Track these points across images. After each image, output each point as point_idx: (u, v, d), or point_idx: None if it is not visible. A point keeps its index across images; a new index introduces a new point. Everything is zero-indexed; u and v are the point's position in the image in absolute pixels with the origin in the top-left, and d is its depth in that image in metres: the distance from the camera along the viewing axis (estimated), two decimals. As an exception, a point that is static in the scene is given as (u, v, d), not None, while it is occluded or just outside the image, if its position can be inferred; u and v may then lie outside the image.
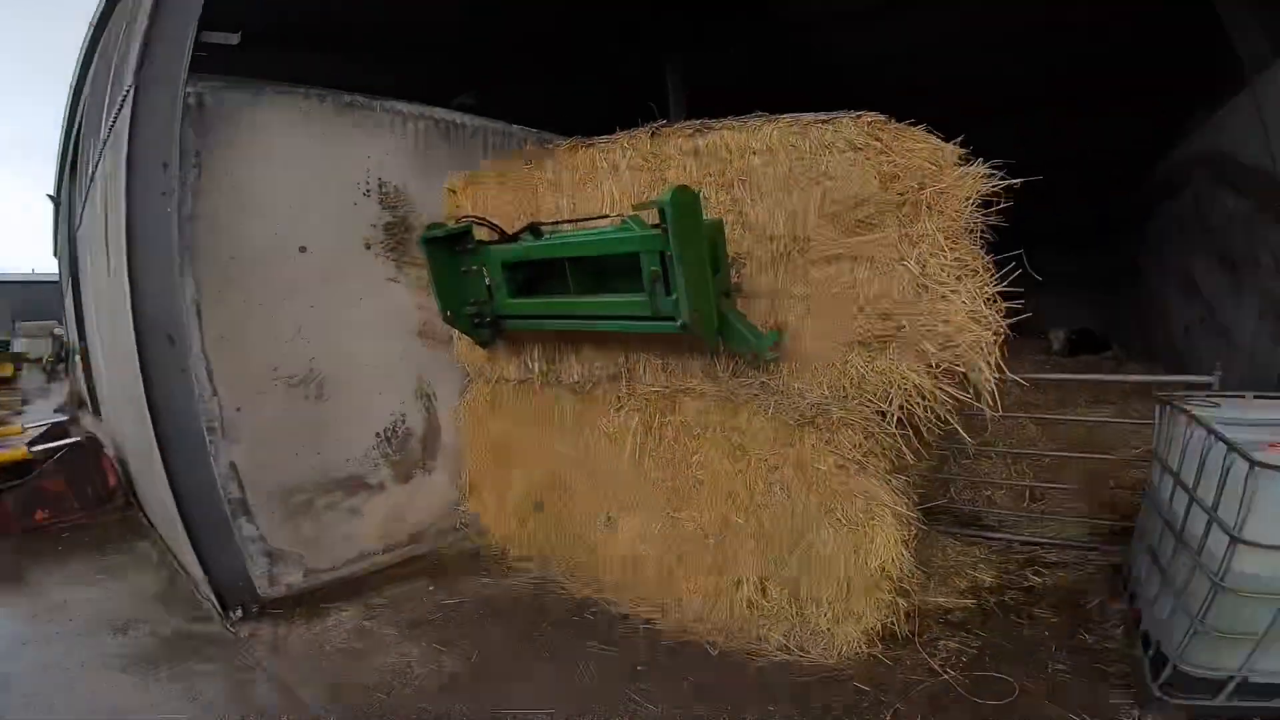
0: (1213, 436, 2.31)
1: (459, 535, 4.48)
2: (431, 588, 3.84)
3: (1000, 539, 4.08)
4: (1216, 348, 5.61)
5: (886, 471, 2.76)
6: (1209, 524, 2.28)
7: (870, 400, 2.80)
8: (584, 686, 2.92)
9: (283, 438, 3.63)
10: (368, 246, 3.91)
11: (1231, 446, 2.17)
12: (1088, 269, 10.41)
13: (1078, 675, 2.75)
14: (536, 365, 3.92)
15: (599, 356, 3.68)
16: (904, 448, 2.81)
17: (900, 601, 2.88)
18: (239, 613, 3.41)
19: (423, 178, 4.13)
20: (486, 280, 3.44)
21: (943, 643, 3.02)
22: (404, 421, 4.17)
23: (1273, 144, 4.66)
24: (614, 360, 3.61)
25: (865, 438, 2.75)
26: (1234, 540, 2.12)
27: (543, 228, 3.27)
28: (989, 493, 4.58)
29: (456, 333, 4.13)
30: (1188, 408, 2.62)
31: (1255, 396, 2.96)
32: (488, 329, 3.65)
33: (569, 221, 3.35)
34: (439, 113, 4.21)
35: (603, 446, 3.60)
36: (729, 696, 2.77)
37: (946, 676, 2.77)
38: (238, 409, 3.44)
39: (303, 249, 3.65)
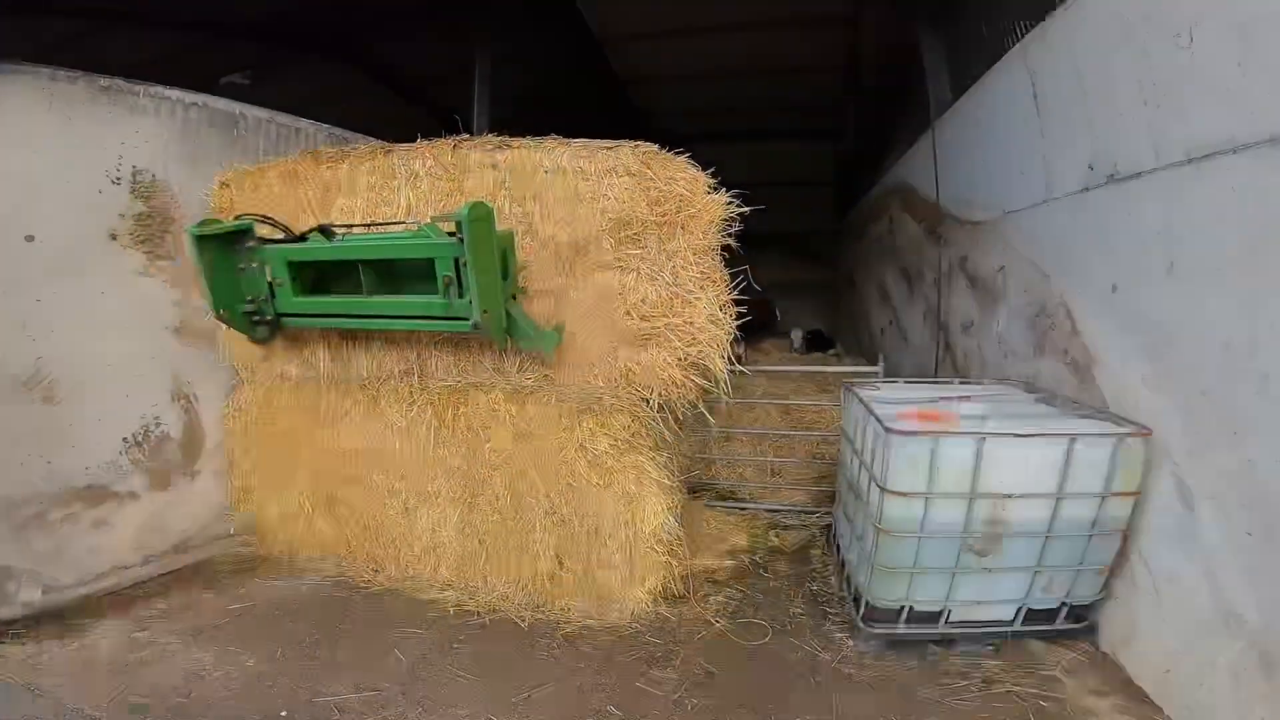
0: (866, 410, 3.03)
1: (236, 542, 4.19)
2: (211, 595, 3.61)
3: (751, 509, 4.79)
4: (899, 345, 6.91)
5: (651, 449, 3.25)
6: (869, 480, 2.96)
7: (636, 389, 3.29)
8: (400, 668, 2.97)
9: (3, 446, 3.18)
10: (114, 238, 3.53)
11: (875, 416, 2.87)
12: (823, 279, 12.48)
13: (810, 615, 3.36)
14: (322, 363, 3.83)
15: (390, 353, 3.72)
16: (664, 428, 3.33)
17: (673, 563, 3.36)
18: None
19: (191, 168, 3.81)
20: (269, 278, 3.32)
21: (712, 598, 3.53)
22: (158, 425, 3.79)
23: (938, 178, 5.53)
24: (405, 357, 3.69)
25: (632, 420, 3.22)
26: (883, 490, 2.76)
27: (335, 229, 3.25)
28: (741, 470, 5.35)
29: (223, 330, 3.86)
30: (857, 390, 3.41)
31: (906, 381, 3.98)
32: (266, 327, 3.51)
33: (363, 225, 3.36)
34: (217, 101, 3.92)
35: (396, 439, 3.65)
36: (542, 661, 3.02)
37: (718, 625, 3.27)
38: None
39: (29, 238, 3.21)
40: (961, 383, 3.95)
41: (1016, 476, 2.62)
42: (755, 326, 10.35)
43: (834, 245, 12.13)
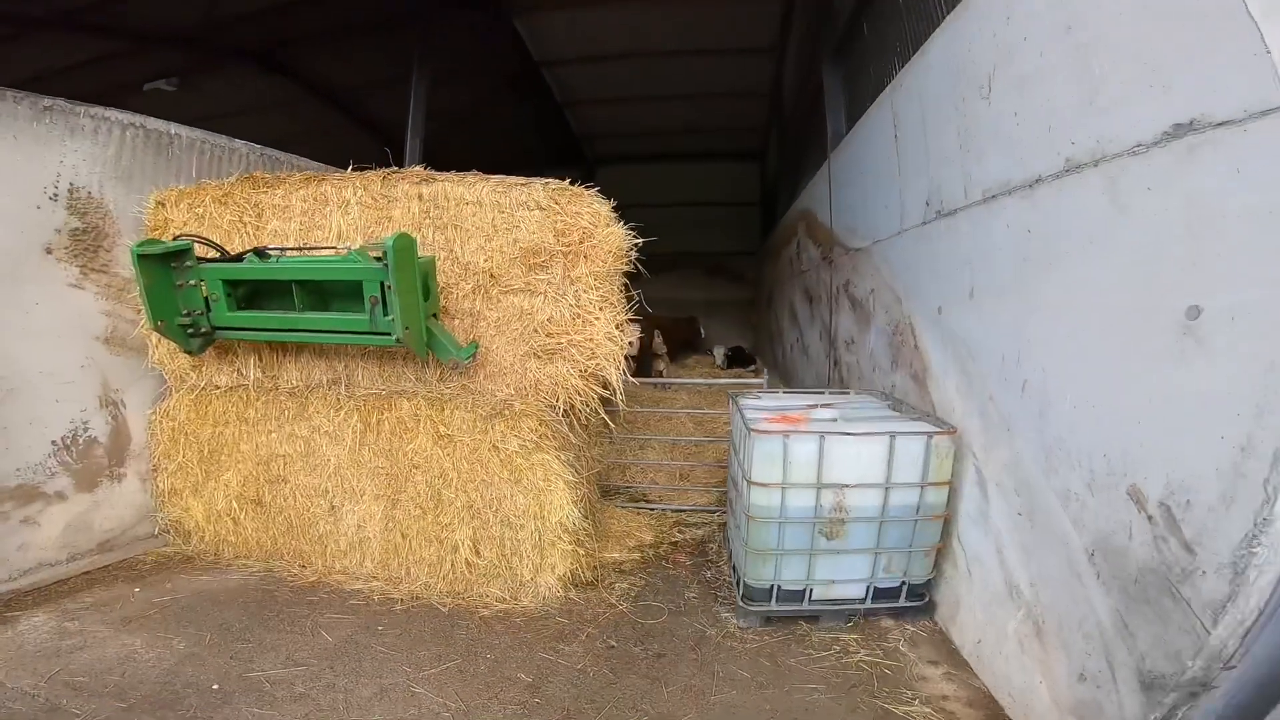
0: (740, 416, 3.53)
1: (159, 541, 4.36)
2: (138, 589, 3.78)
3: (658, 508, 5.23)
4: (803, 361, 7.46)
5: (557, 449, 3.65)
6: (741, 474, 3.43)
7: (543, 397, 3.70)
8: (328, 646, 3.23)
9: None
10: (49, 251, 3.71)
11: (744, 420, 3.37)
12: (747, 298, 13.10)
13: (703, 598, 3.79)
14: (252, 372, 4.07)
15: (318, 364, 4.01)
16: (568, 432, 3.75)
17: (580, 552, 3.75)
18: None
19: (124, 186, 4.01)
20: (205, 294, 3.56)
21: (618, 585, 3.92)
22: (86, 429, 3.95)
23: (832, 205, 6.01)
24: (334, 367, 3.99)
25: (540, 424, 3.63)
26: (749, 482, 3.23)
27: (269, 251, 3.55)
28: (651, 475, 5.83)
29: (155, 341, 4.08)
30: (739, 399, 3.92)
31: (784, 391, 4.50)
32: (200, 339, 3.74)
33: (295, 248, 3.67)
34: (152, 122, 4.12)
35: (323, 443, 3.93)
36: (459, 640, 3.32)
37: (621, 608, 3.66)
38: None
39: None
40: (831, 393, 4.51)
41: (852, 469, 3.13)
42: (681, 345, 10.83)
43: (758, 266, 12.68)
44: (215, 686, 2.89)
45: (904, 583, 3.34)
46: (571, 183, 3.61)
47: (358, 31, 7.92)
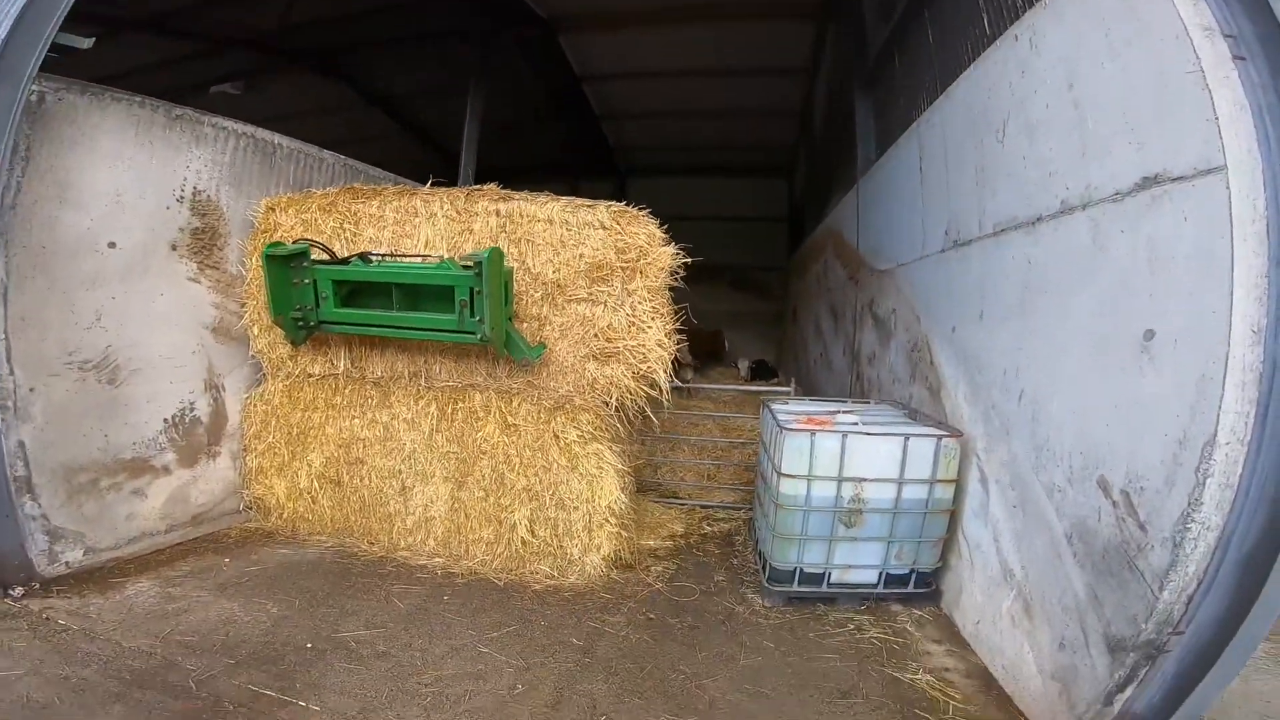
0: (772, 417, 3.98)
1: (244, 517, 4.82)
2: (228, 560, 4.16)
3: (688, 504, 5.68)
4: (826, 374, 7.86)
5: (610, 440, 4.13)
6: (771, 468, 3.88)
7: (599, 394, 4.17)
8: (400, 611, 3.60)
9: (72, 419, 3.72)
10: (174, 248, 4.21)
11: (776, 420, 3.82)
12: (772, 312, 13.34)
13: (730, 582, 4.20)
14: (343, 363, 4.59)
15: (401, 358, 4.51)
16: (619, 426, 4.23)
17: (623, 535, 4.20)
18: (19, 591, 3.44)
19: (235, 190, 4.52)
20: (318, 292, 4.04)
21: (654, 568, 4.33)
22: (192, 409, 4.45)
23: (859, 227, 6.41)
24: (415, 361, 4.49)
25: (596, 418, 4.11)
26: (778, 474, 3.67)
27: (372, 256, 4.07)
28: (681, 474, 6.29)
29: (256, 332, 4.61)
30: (771, 404, 4.38)
31: (810, 399, 4.94)
32: (306, 331, 4.24)
33: (390, 254, 4.18)
34: (261, 133, 4.65)
35: (401, 428, 4.43)
36: (515, 609, 3.70)
37: (657, 586, 4.07)
38: (30, 389, 3.52)
39: (112, 244, 3.85)
40: (854, 402, 4.94)
41: (870, 465, 3.56)
42: (706, 356, 11.20)
43: (783, 280, 12.97)
44: (309, 645, 3.20)
45: (913, 570, 3.73)
46: (624, 202, 4.07)
47: (416, 42, 8.35)
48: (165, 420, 4.29)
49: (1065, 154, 2.74)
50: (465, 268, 3.65)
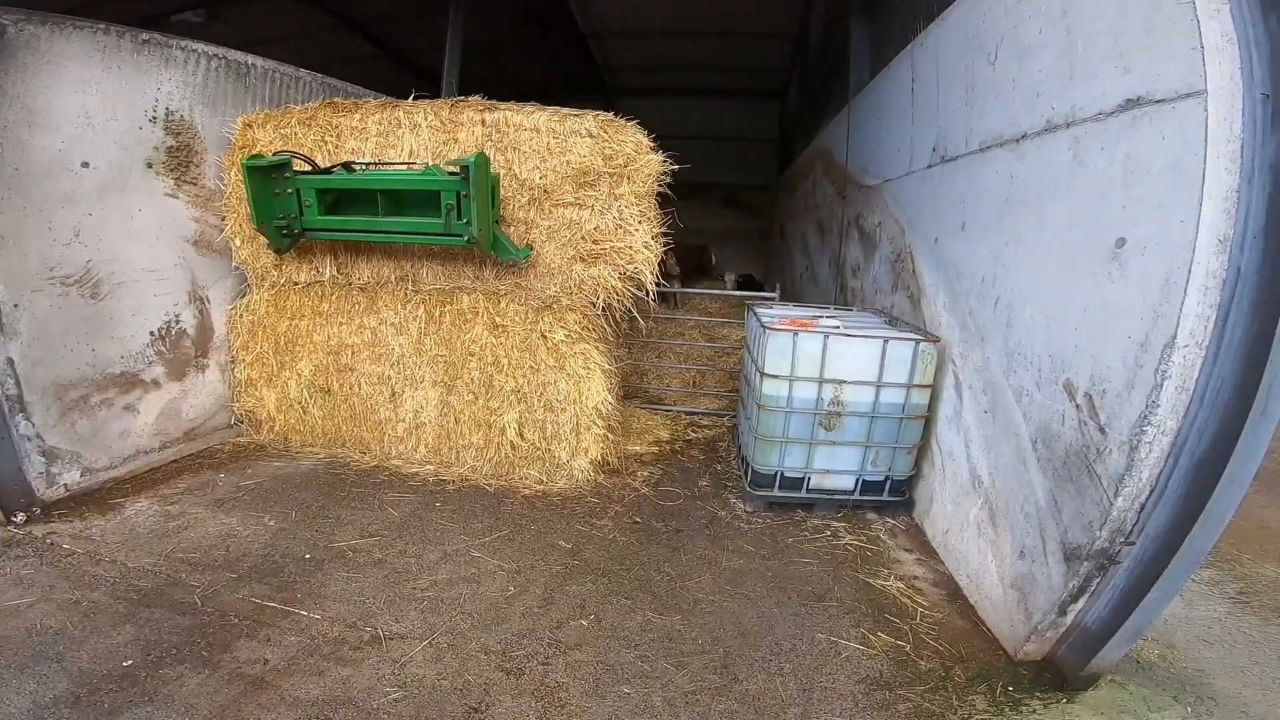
0: (757, 319, 4.05)
1: (234, 432, 4.92)
2: (223, 475, 4.26)
3: (674, 410, 5.86)
4: (812, 287, 7.93)
5: (596, 340, 4.23)
6: (755, 369, 3.96)
7: (586, 295, 4.22)
8: (394, 519, 3.75)
9: (58, 334, 3.75)
10: (149, 166, 4.18)
11: (760, 322, 3.89)
12: (759, 229, 13.37)
13: (714, 487, 4.42)
14: (328, 270, 4.58)
15: (388, 263, 4.50)
16: (606, 327, 4.33)
17: (610, 439, 4.34)
18: (21, 517, 3.52)
19: (210, 110, 4.47)
20: (301, 201, 4.03)
21: (640, 473, 4.53)
22: (178, 321, 4.47)
23: (849, 147, 6.41)
24: (401, 266, 4.49)
25: (582, 317, 4.21)
26: (761, 374, 3.76)
27: (355, 165, 4.03)
28: (667, 380, 6.43)
29: (239, 243, 4.58)
30: (755, 307, 4.44)
31: (794, 304, 5.02)
32: (290, 239, 4.22)
33: (374, 163, 4.14)
34: (233, 54, 4.57)
35: (389, 333, 4.49)
36: (506, 515, 3.86)
37: (643, 491, 4.27)
38: (15, 305, 3.54)
39: (85, 164, 3.82)
40: (836, 308, 5.03)
41: (850, 367, 3.67)
42: (693, 270, 11.20)
43: (772, 199, 12.95)
44: (307, 556, 3.31)
45: (888, 477, 3.91)
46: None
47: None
48: (151, 333, 4.32)
49: (1053, 77, 2.76)
50: (452, 173, 3.62)
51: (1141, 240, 2.20)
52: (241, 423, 4.95)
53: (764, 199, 13.43)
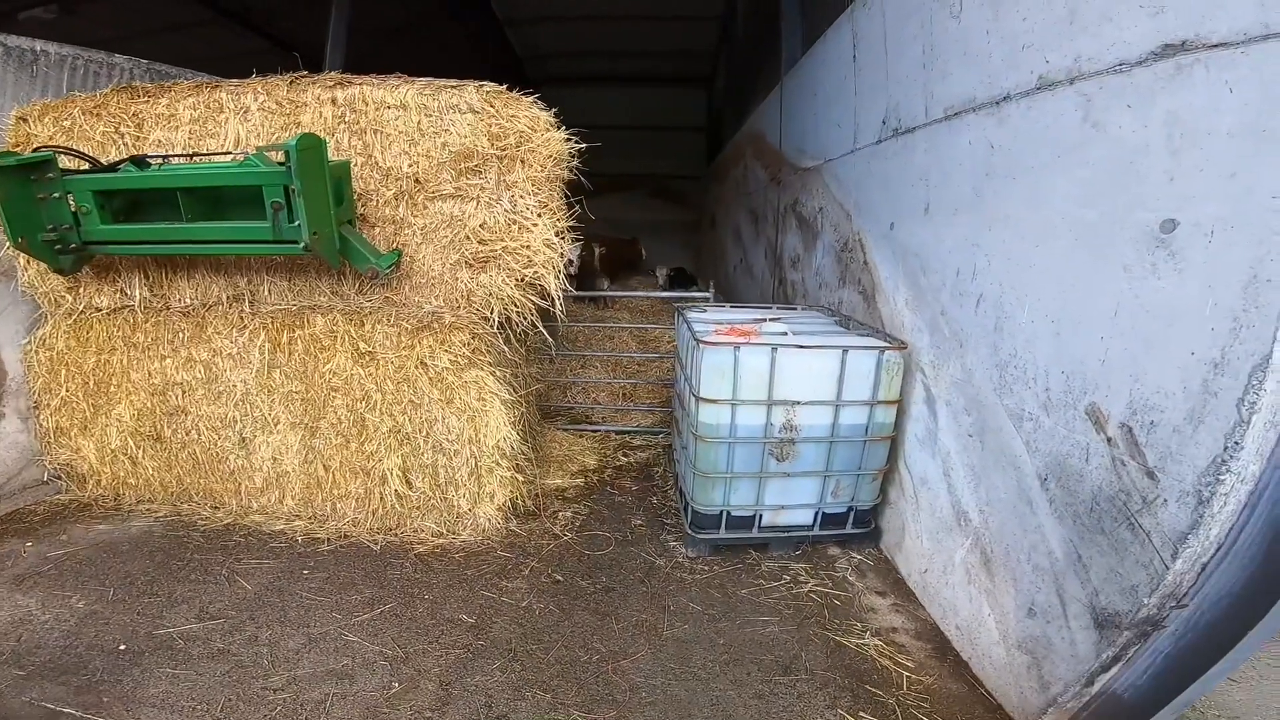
0: (688, 328, 3.37)
1: (51, 489, 3.98)
2: (30, 543, 3.45)
3: (602, 429, 5.13)
4: (748, 280, 7.39)
5: (492, 364, 3.44)
6: (689, 391, 3.29)
7: (476, 309, 3.45)
8: (247, 595, 3.01)
9: None
10: None
11: (692, 332, 3.20)
12: (690, 220, 13.06)
13: (650, 526, 3.72)
14: (138, 292, 3.64)
15: (216, 280, 3.61)
16: (504, 346, 3.55)
17: (520, 479, 3.58)
18: None
19: None
20: (73, 208, 3.17)
21: (561, 513, 3.81)
22: (-49, 364, 3.49)
23: (783, 127, 5.92)
24: (234, 283, 3.60)
25: (472, 337, 3.39)
26: (697, 398, 3.07)
27: (149, 159, 3.13)
28: (594, 395, 5.67)
29: (24, 262, 3.61)
30: (686, 312, 3.75)
31: (731, 305, 4.37)
32: (71, 256, 3.31)
33: (182, 155, 3.26)
34: (13, 40, 3.66)
35: (226, 366, 3.59)
36: (393, 581, 3.13)
37: (566, 538, 3.55)
38: None
39: None
40: (779, 308, 4.37)
41: (804, 385, 3.02)
42: (624, 265, 10.64)
43: (702, 189, 12.59)
44: (122, 647, 2.67)
45: (851, 508, 3.32)
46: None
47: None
48: None
49: (1044, 24, 2.22)
50: (279, 163, 2.76)
51: (1203, 222, 1.61)
52: (59, 478, 3.97)
53: (693, 189, 13.11)
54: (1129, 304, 1.82)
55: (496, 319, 3.44)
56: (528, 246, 3.30)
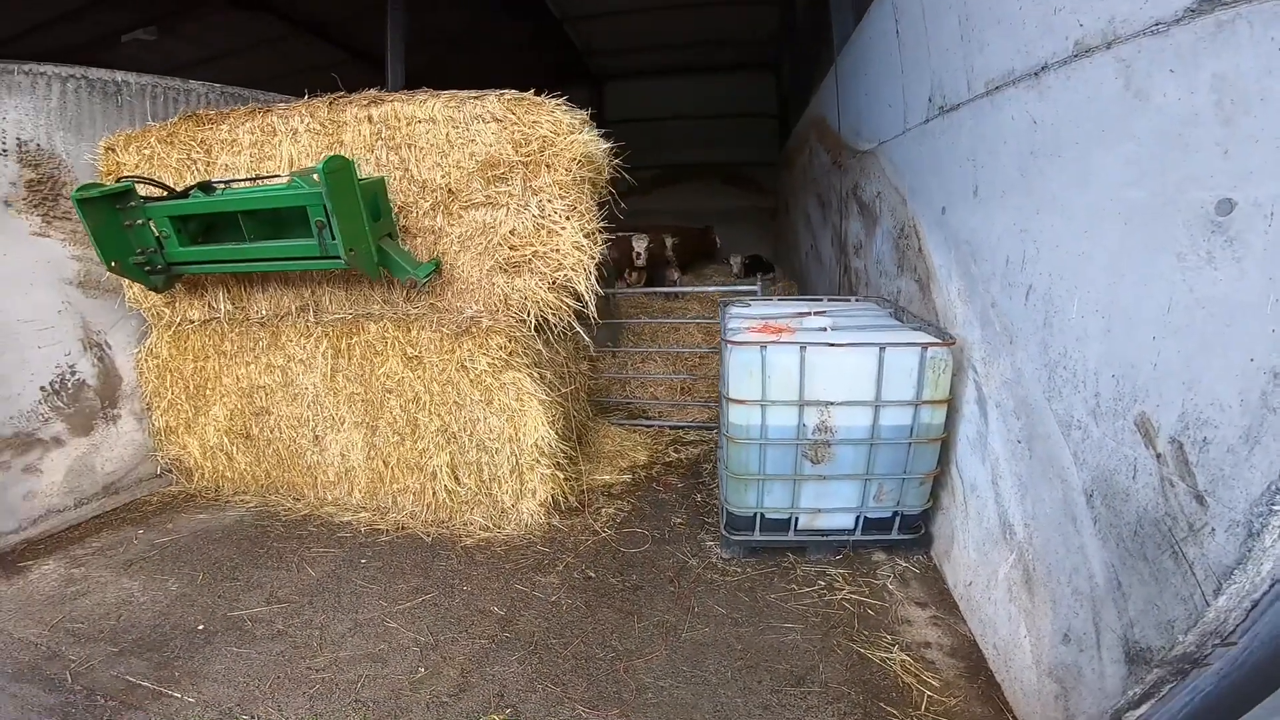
0: (724, 324, 3.23)
1: (164, 481, 4.46)
2: (142, 531, 3.85)
3: (656, 425, 5.10)
4: (817, 268, 7.07)
5: (529, 366, 3.53)
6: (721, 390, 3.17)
7: (513, 312, 3.52)
8: (310, 580, 3.27)
9: None
10: (7, 204, 3.66)
11: (722, 331, 3.08)
12: (766, 206, 12.63)
13: (690, 525, 3.69)
14: (223, 305, 3.98)
15: (286, 292, 3.89)
16: (542, 348, 3.63)
17: (561, 476, 3.65)
18: None
19: (75, 135, 3.92)
20: (155, 232, 3.47)
21: (604, 510, 3.84)
22: (74, 372, 3.95)
23: (840, 109, 5.60)
24: (301, 295, 3.87)
25: (509, 340, 3.50)
26: (726, 399, 2.98)
27: (215, 185, 3.39)
28: (652, 390, 5.62)
29: (127, 281, 4.01)
30: (729, 307, 3.61)
31: (779, 299, 4.17)
32: (161, 275, 3.65)
33: (244, 179, 3.49)
34: (95, 72, 4.00)
35: (298, 371, 3.89)
36: (438, 572, 3.31)
37: (604, 535, 3.59)
38: None
39: None
40: (830, 300, 4.16)
41: (838, 384, 2.86)
42: (697, 254, 10.45)
43: (777, 175, 12.17)
44: (200, 627, 2.93)
45: (897, 513, 3.12)
46: (543, 95, 3.32)
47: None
48: (43, 389, 3.85)
49: None
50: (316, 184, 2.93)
51: (1263, 202, 1.36)
52: (170, 471, 4.45)
53: (768, 175, 12.64)
54: (1183, 298, 1.58)
55: (533, 321, 3.50)
56: (557, 250, 3.32)
